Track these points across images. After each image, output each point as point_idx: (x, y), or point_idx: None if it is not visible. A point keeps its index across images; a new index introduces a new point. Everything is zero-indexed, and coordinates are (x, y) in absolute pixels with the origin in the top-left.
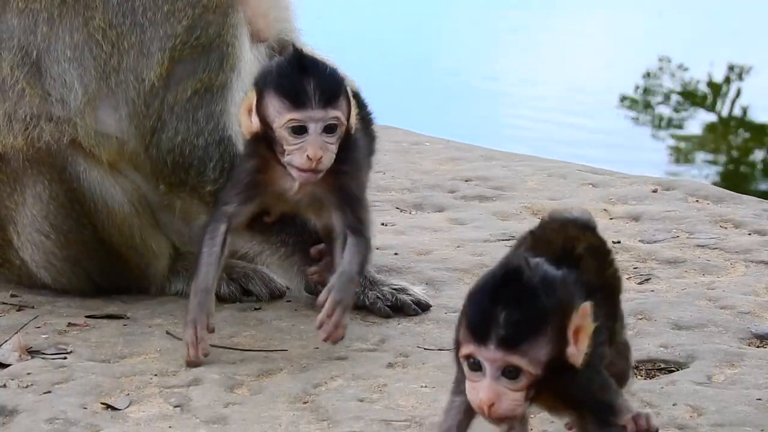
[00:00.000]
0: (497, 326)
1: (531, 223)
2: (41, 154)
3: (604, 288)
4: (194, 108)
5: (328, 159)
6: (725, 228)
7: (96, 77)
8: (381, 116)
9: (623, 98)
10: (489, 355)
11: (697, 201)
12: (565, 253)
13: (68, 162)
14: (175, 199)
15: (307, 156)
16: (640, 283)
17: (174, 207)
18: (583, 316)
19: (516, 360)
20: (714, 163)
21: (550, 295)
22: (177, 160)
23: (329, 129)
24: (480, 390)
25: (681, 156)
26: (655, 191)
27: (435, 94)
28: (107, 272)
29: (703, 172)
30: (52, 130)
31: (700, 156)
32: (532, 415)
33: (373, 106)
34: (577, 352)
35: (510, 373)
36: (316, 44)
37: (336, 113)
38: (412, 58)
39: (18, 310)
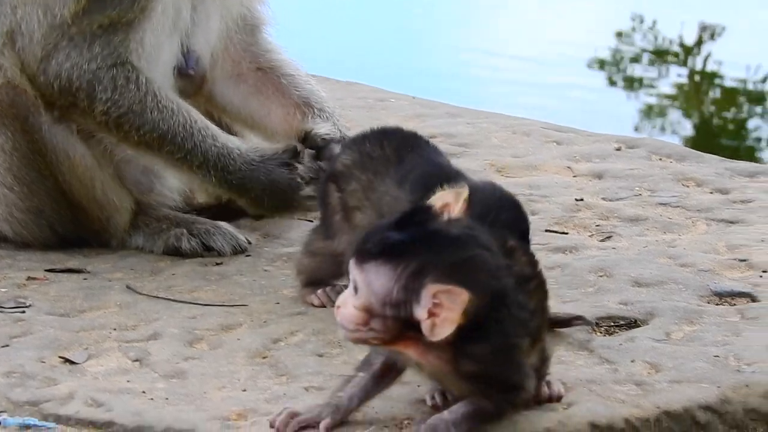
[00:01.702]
0: (366, 242)
1: (495, 180)
2: (3, 106)
3: (536, 285)
4: (92, 37)
5: None
6: (687, 186)
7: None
8: (347, 72)
9: (595, 58)
10: (351, 264)
11: (660, 159)
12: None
13: (30, 112)
14: (70, 121)
15: None
16: (601, 241)
17: (71, 127)
18: (451, 296)
19: (358, 277)
20: (685, 121)
21: (430, 249)
22: (64, 85)
23: None
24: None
25: (651, 115)
26: (618, 149)
27: (401, 50)
28: (69, 224)
29: (672, 131)
30: (8, 80)
31: (670, 116)
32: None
33: (339, 62)
34: (427, 323)
35: (355, 288)
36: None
37: None
38: (378, 14)
39: None
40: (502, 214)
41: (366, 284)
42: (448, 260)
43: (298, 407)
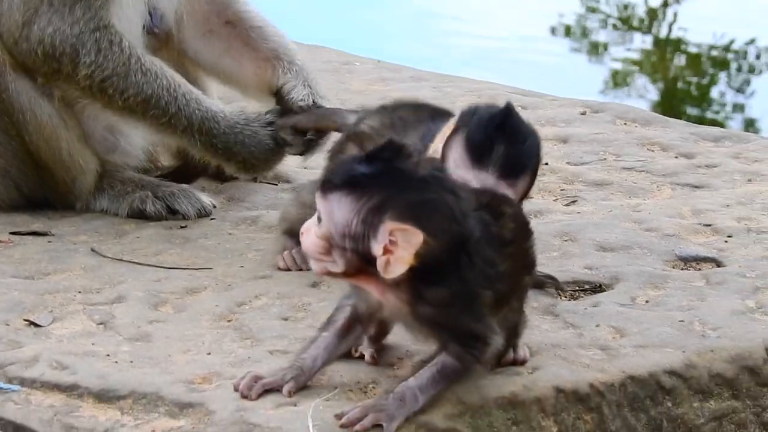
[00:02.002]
0: (333, 172)
1: None
2: None
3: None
4: (73, 1)
5: None
6: (652, 151)
7: None
8: (312, 36)
9: (560, 23)
10: (316, 193)
11: (625, 124)
12: (490, 205)
13: None
14: (53, 89)
15: None
16: (566, 205)
17: (54, 95)
18: (406, 235)
19: (321, 206)
20: (649, 88)
21: (394, 187)
22: (47, 51)
23: None
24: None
25: (616, 81)
26: (583, 114)
27: (366, 14)
28: (35, 185)
29: (639, 96)
30: None
31: (635, 81)
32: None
33: (304, 25)
34: (382, 259)
35: (319, 217)
36: None
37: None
38: None
39: None
40: None
41: (328, 214)
42: (409, 199)
43: (262, 371)
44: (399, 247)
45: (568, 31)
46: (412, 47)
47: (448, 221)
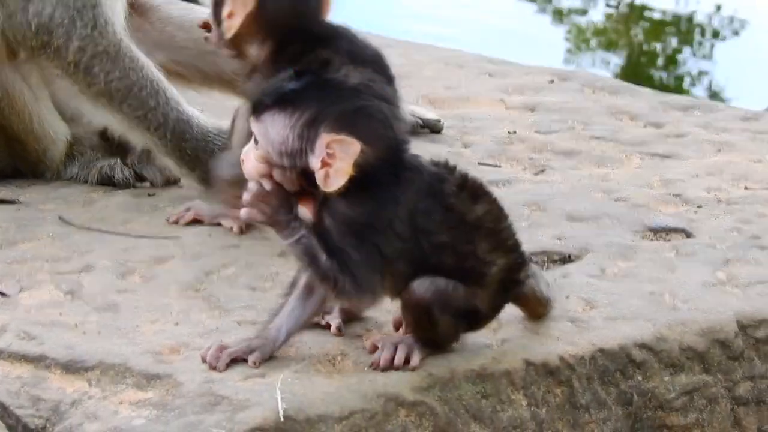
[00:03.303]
0: (263, 92)
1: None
2: None
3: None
4: None
5: None
6: (621, 120)
7: None
8: None
9: None
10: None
11: (593, 92)
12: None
13: None
14: (32, 66)
15: None
16: (535, 174)
17: (29, 77)
18: (344, 146)
19: (256, 128)
20: (613, 55)
21: (325, 98)
22: (43, 22)
23: None
24: None
25: (580, 47)
26: (551, 82)
27: None
28: (5, 157)
29: (602, 64)
30: None
31: (599, 48)
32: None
33: None
34: (321, 172)
35: (255, 140)
36: None
37: None
38: None
39: None
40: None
41: (263, 135)
42: (342, 109)
43: (228, 341)
44: (337, 158)
45: None
46: (378, 14)
47: (383, 127)
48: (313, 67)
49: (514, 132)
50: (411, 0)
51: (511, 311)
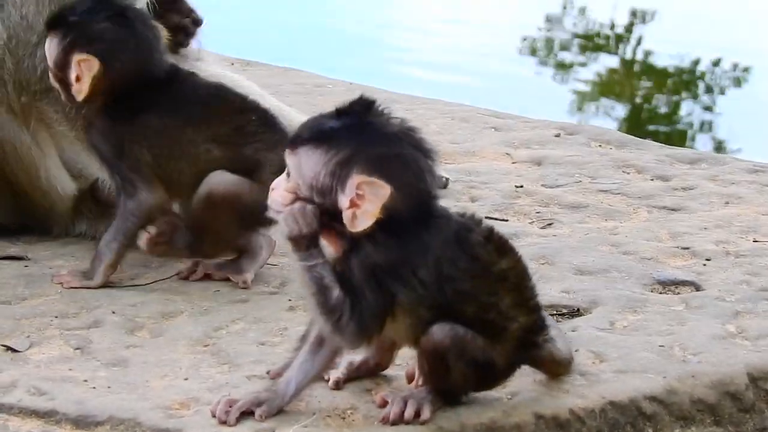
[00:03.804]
0: (302, 128)
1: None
2: None
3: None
4: None
5: None
6: (628, 173)
7: None
8: (284, 58)
9: (526, 43)
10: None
11: (600, 146)
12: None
13: None
14: (32, 111)
15: None
16: (542, 228)
17: (23, 118)
18: (374, 188)
19: (290, 161)
20: (617, 108)
21: (362, 140)
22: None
23: None
24: None
25: (583, 101)
26: (557, 135)
27: (338, 38)
28: (12, 214)
29: (605, 116)
30: None
31: (602, 101)
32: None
33: (276, 47)
34: (348, 212)
35: (288, 173)
36: None
37: None
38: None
39: None
40: None
41: (296, 168)
42: (377, 153)
43: (237, 395)
44: (366, 200)
45: (534, 50)
46: (383, 68)
47: (416, 177)
48: (357, 109)
49: (521, 186)
50: (410, 53)
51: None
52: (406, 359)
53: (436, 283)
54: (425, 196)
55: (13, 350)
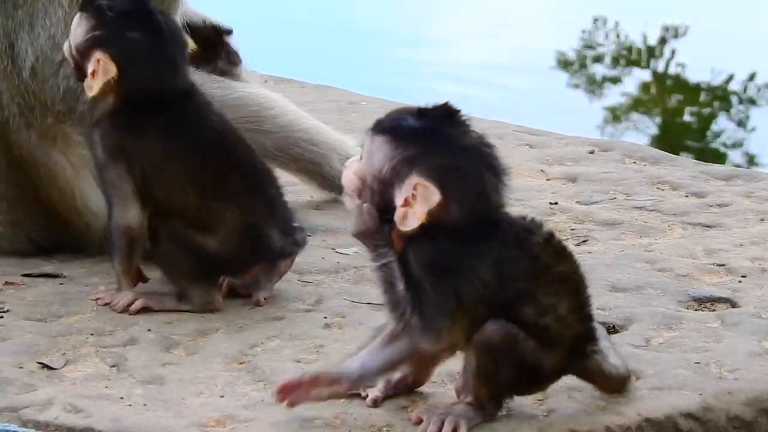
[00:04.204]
0: (386, 117)
1: None
2: None
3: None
4: None
5: None
6: (662, 190)
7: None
8: (317, 75)
9: (559, 59)
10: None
11: (634, 162)
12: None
13: (11, 131)
14: (57, 133)
15: None
16: (577, 245)
17: (55, 141)
18: (426, 192)
19: (366, 144)
20: (649, 123)
21: (433, 145)
22: (71, 86)
23: None
24: None
25: (616, 117)
26: (592, 152)
27: (371, 54)
28: (48, 234)
29: (638, 132)
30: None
31: (636, 117)
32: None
33: (309, 65)
34: (400, 210)
35: (361, 156)
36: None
37: None
38: (347, 18)
39: None
40: None
41: (368, 154)
42: (441, 162)
43: (276, 415)
44: (417, 201)
45: (566, 65)
46: (416, 85)
47: (474, 194)
48: (438, 114)
49: (556, 203)
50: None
51: (557, 382)
52: (442, 376)
53: (498, 282)
54: (481, 212)
55: (49, 368)
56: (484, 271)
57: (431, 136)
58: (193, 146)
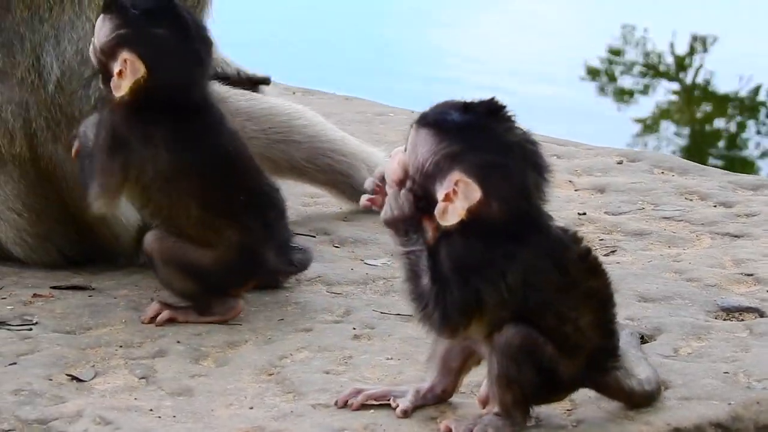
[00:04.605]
0: (433, 110)
1: None
2: (12, 140)
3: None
4: None
5: None
6: (691, 200)
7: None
8: (345, 87)
9: (588, 69)
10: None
11: (662, 173)
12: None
13: (40, 143)
14: None
15: None
16: (605, 255)
17: None
18: (467, 189)
19: (411, 136)
20: (677, 134)
21: (476, 142)
22: (101, 96)
23: None
24: None
25: (645, 127)
26: (620, 163)
27: (398, 65)
28: (77, 246)
29: (667, 143)
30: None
31: (664, 127)
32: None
33: (335, 77)
34: (441, 205)
35: (406, 148)
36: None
37: None
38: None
39: None
40: None
41: (412, 146)
42: (484, 158)
43: (305, 425)
44: (458, 197)
45: (595, 74)
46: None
47: (515, 192)
48: (482, 109)
49: (584, 213)
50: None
51: (584, 391)
52: (471, 386)
53: (522, 290)
54: (522, 210)
55: (79, 380)
56: (511, 276)
57: (475, 132)
58: (201, 161)
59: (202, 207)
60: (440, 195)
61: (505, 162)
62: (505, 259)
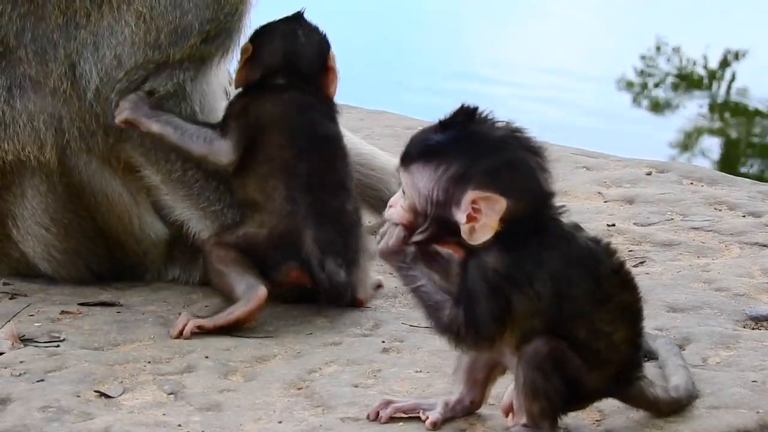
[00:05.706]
0: (410, 145)
1: None
2: (40, 153)
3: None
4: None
5: None
6: (719, 210)
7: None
8: (373, 101)
9: (620, 81)
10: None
11: (691, 183)
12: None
13: (66, 157)
14: (120, 154)
15: None
16: (635, 266)
17: (116, 162)
18: (490, 203)
19: (403, 179)
20: (710, 146)
21: (471, 152)
22: None
23: None
24: None
25: (678, 139)
26: (649, 174)
27: (427, 78)
28: (106, 262)
29: (700, 155)
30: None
31: (694, 138)
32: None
33: (365, 90)
34: (465, 224)
35: (403, 190)
36: None
37: None
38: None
39: (11, 299)
40: None
41: (409, 185)
42: (488, 165)
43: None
44: (483, 214)
45: (630, 85)
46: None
47: (529, 180)
48: (459, 119)
49: (613, 224)
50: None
51: (613, 401)
52: (499, 398)
53: (555, 299)
54: (540, 195)
55: (107, 396)
56: (539, 284)
57: (466, 144)
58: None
59: (287, 189)
60: (461, 218)
61: (506, 158)
62: (531, 265)
